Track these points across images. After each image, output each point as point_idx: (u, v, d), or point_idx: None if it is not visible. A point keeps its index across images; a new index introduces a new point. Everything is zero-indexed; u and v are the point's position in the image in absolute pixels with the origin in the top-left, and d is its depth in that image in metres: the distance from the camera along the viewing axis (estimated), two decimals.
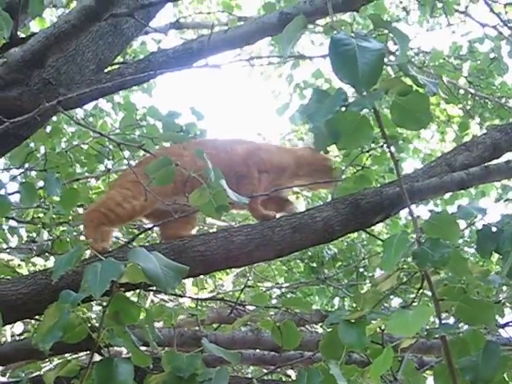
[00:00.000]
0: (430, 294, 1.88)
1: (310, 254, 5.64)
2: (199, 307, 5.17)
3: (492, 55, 5.74)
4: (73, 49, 3.45)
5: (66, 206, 3.63)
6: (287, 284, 6.04)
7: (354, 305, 3.18)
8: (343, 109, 1.91)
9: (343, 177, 3.55)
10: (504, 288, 3.48)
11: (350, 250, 5.68)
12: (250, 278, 5.53)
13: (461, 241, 5.47)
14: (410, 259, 2.16)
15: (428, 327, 1.98)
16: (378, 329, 2.28)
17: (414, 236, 1.94)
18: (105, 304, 1.97)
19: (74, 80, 3.42)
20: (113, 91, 3.73)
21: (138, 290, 3.67)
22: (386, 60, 1.87)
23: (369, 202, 3.12)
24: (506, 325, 3.18)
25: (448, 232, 2.00)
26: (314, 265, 5.67)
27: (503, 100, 6.09)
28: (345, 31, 1.87)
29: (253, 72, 7.30)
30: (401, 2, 5.97)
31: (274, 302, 5.86)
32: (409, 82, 1.96)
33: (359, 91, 1.82)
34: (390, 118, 1.93)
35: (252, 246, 3.06)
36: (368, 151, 3.80)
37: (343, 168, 3.58)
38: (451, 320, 2.57)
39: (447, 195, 5.97)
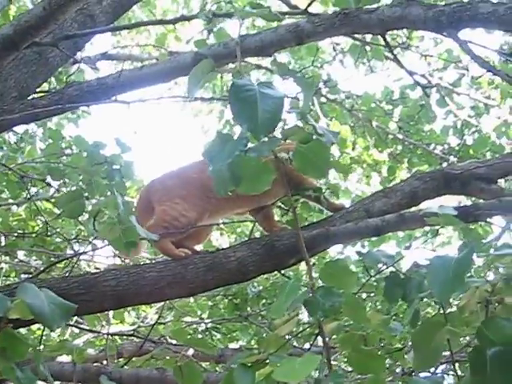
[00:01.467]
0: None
1: (233, 290, 5.62)
2: (120, 341, 5.12)
3: (421, 102, 5.86)
4: None
5: None
6: (209, 320, 6.00)
7: None
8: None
9: None
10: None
11: (274, 288, 5.67)
12: (165, 313, 5.50)
13: None
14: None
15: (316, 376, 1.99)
16: None
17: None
18: None
19: None
20: (25, 122, 3.68)
21: None
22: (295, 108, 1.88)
23: (284, 243, 3.12)
24: (413, 372, 3.19)
25: (343, 281, 2.01)
26: (238, 301, 5.66)
27: (431, 146, 6.20)
28: (248, 77, 1.89)
29: (185, 107, 7.30)
30: (338, 44, 6.05)
31: (199, 336, 5.83)
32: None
33: (258, 137, 1.83)
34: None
35: (164, 282, 3.04)
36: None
37: None
38: None
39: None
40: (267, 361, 2.21)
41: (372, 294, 5.22)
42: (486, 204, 3.17)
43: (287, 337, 2.33)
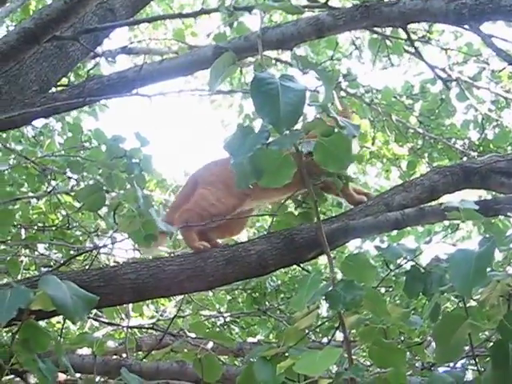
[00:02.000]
0: None
1: (252, 284, 5.63)
2: (139, 334, 5.14)
3: (441, 96, 5.83)
4: (16, 69, 3.43)
5: (1, 227, 3.60)
6: (228, 313, 6.01)
7: None
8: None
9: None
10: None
11: (292, 282, 5.66)
12: (184, 306, 5.51)
13: None
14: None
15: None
16: None
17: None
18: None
19: (14, 100, 3.40)
20: (45, 115, 3.69)
21: None
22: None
23: (303, 237, 3.11)
24: (433, 366, 3.19)
25: (364, 274, 2.01)
26: (257, 295, 5.66)
27: (452, 141, 6.17)
28: (269, 70, 1.89)
29: (203, 101, 7.29)
30: (357, 38, 6.03)
31: (217, 330, 5.84)
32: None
33: (280, 131, 1.83)
34: None
35: (183, 276, 3.05)
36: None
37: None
38: None
39: (394, 231, 6.00)
40: (286, 354, 2.23)
41: (391, 289, 5.21)
42: (507, 198, 3.16)
43: (306, 330, 2.34)
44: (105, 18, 3.89)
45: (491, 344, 1.68)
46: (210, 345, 3.67)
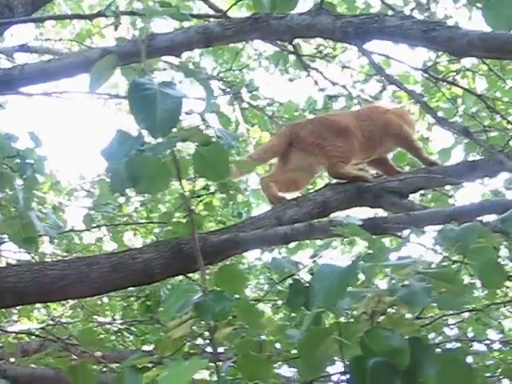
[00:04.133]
0: None
1: (147, 292, 5.56)
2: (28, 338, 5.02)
3: None
4: None
5: None
6: (121, 321, 5.93)
7: None
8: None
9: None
10: None
11: None
12: (79, 312, 5.42)
13: None
14: None
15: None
16: None
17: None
18: None
19: None
20: None
21: None
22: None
23: (191, 247, 3.10)
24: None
25: (236, 285, 2.00)
26: (151, 303, 5.60)
27: None
28: (150, 76, 1.86)
29: (107, 104, 7.19)
30: (264, 51, 6.02)
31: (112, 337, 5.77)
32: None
33: (155, 137, 1.81)
34: None
35: (67, 281, 3.00)
36: (198, 196, 3.82)
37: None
38: None
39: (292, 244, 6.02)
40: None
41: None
42: (395, 217, 3.21)
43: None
44: (2, 14, 3.81)
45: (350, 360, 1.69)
46: (100, 352, 3.61)
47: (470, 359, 4.56)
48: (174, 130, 1.81)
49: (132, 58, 2.54)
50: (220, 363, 2.92)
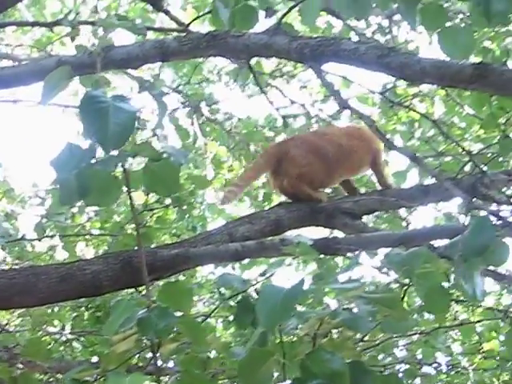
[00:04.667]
0: None
1: (97, 303, 5.51)
2: None
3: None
4: None
5: None
6: (69, 331, 5.86)
7: None
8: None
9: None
10: None
11: None
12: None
13: None
14: None
15: None
16: None
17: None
18: None
19: None
20: None
21: None
22: None
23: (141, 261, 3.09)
24: None
25: (181, 301, 2.00)
26: (100, 314, 5.55)
27: None
28: (103, 89, 1.86)
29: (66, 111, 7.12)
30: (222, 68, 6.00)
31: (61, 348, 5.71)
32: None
33: (107, 150, 1.80)
34: None
35: (13, 290, 2.98)
36: (151, 210, 3.81)
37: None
38: None
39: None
40: None
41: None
42: (346, 239, 3.23)
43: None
44: None
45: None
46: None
47: (417, 381, 4.61)
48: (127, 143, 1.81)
49: (88, 69, 2.53)
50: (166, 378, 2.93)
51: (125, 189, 1.96)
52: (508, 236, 2.29)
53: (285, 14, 2.79)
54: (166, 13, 4.11)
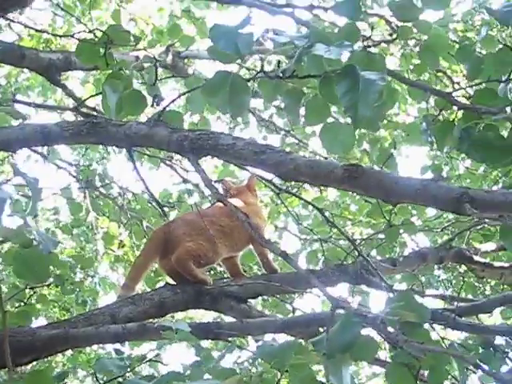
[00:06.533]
0: None
1: None
2: None
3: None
4: None
5: None
6: None
7: None
8: None
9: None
10: None
11: None
12: None
13: None
14: None
15: None
16: None
17: None
18: None
19: None
20: None
21: None
22: None
23: (20, 340, 3.01)
24: None
25: None
26: None
27: None
28: None
29: None
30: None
31: None
32: None
33: None
34: None
35: None
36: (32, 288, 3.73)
37: None
38: None
39: None
40: None
41: None
42: (228, 324, 3.23)
43: None
44: None
45: None
46: None
47: None
48: None
49: None
50: None
51: None
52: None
53: (168, 105, 2.82)
54: (63, 88, 4.11)
